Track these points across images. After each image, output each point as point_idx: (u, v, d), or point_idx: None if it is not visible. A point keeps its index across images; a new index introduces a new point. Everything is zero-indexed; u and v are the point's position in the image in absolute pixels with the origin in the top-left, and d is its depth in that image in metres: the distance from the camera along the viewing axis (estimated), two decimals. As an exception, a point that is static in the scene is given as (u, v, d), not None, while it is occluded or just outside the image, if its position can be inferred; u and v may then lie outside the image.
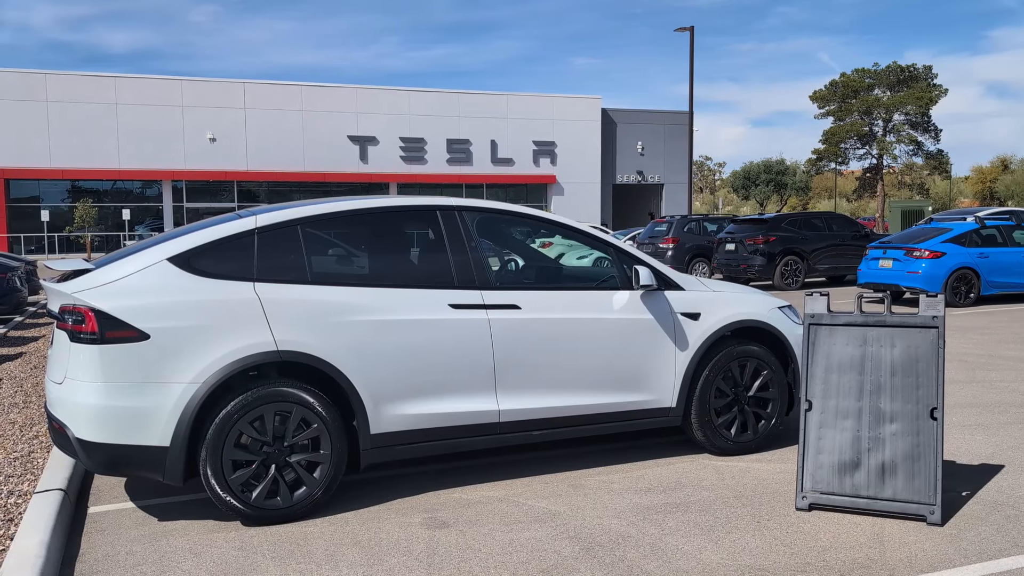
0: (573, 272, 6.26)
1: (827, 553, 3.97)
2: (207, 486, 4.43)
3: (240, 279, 4.58)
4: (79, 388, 4.36)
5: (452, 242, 5.09)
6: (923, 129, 68.38)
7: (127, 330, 4.31)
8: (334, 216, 5.02)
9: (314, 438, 4.57)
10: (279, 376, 4.62)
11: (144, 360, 4.32)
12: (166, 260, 4.54)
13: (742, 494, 4.86)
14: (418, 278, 5.00)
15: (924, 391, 4.55)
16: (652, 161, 51.06)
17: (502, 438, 5.08)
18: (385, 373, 4.73)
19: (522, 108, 47.79)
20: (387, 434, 4.78)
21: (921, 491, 4.41)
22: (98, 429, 4.31)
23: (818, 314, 4.84)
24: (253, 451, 4.47)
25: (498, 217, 5.70)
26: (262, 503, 4.48)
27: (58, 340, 4.62)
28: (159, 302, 4.39)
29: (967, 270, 14.88)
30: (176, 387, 4.34)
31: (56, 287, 4.55)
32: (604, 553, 4.02)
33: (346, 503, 4.80)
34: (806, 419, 4.74)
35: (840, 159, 71.46)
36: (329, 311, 4.64)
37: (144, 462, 4.37)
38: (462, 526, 4.42)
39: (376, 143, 44.90)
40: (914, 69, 67.76)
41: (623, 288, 5.45)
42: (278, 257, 4.71)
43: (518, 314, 5.08)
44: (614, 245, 5.61)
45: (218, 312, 4.45)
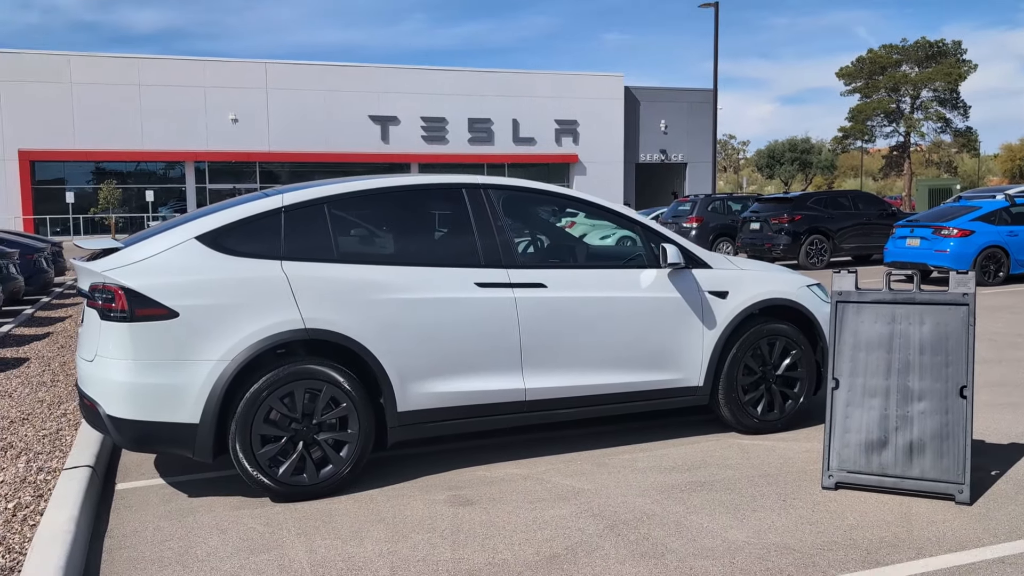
0: (599, 250, 6.26)
1: (854, 532, 3.94)
2: (236, 462, 4.46)
3: (268, 257, 4.60)
4: (110, 365, 4.40)
5: (478, 220, 5.08)
6: (951, 106, 67.24)
7: (157, 308, 4.34)
8: (360, 195, 5.00)
9: (342, 416, 4.59)
10: (306, 354, 4.62)
11: (174, 338, 4.36)
12: (194, 239, 4.56)
13: (767, 473, 4.83)
14: (444, 256, 4.98)
15: (953, 369, 4.49)
16: (676, 140, 50.64)
17: (528, 416, 5.08)
18: (411, 351, 4.74)
19: (544, 87, 47.51)
20: (414, 412, 4.79)
21: (950, 470, 4.36)
22: (129, 406, 4.36)
23: (846, 291, 4.78)
24: (282, 428, 4.49)
25: (524, 195, 5.65)
26: (290, 479, 4.51)
27: (88, 318, 4.66)
28: (188, 280, 4.42)
29: (996, 249, 14.66)
30: (205, 364, 4.38)
31: (86, 266, 4.58)
32: (628, 531, 4.01)
33: (371, 480, 4.82)
34: (833, 397, 4.69)
35: (866, 137, 70.50)
36: (356, 289, 4.65)
37: (174, 439, 4.42)
38: (486, 503, 4.42)
39: (397, 123, 44.84)
40: (943, 45, 66.56)
41: (650, 266, 5.41)
42: (305, 236, 4.72)
43: (544, 292, 5.05)
44: (641, 223, 5.55)
45: (246, 290, 4.47)
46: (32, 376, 7.68)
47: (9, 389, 7.14)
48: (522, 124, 47.15)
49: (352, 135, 43.87)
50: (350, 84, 44.03)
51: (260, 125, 42.57)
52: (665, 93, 51.07)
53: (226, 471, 5.04)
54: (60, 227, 40.11)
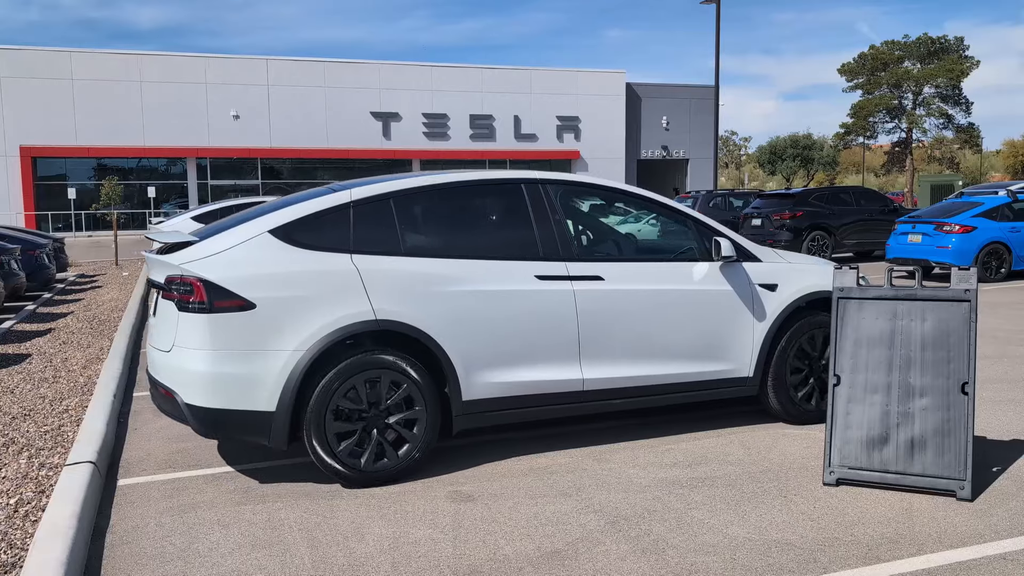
0: (652, 244, 6.37)
1: (855, 528, 3.94)
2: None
3: (338, 251, 4.73)
4: (189, 355, 4.54)
5: (537, 215, 5.20)
6: (954, 102, 67.09)
7: (235, 300, 4.48)
8: (423, 190, 5.11)
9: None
10: (372, 345, 4.72)
11: (251, 328, 4.49)
12: (267, 232, 4.69)
13: (769, 469, 4.83)
14: (504, 250, 5.09)
15: (955, 365, 4.48)
16: (677, 136, 50.59)
17: (585, 406, 5.20)
18: (475, 342, 4.86)
19: (546, 83, 47.47)
20: (477, 401, 4.91)
21: (951, 466, 4.36)
22: (207, 395, 4.49)
23: (847, 288, 4.78)
24: (353, 416, 4.63)
25: (579, 190, 5.78)
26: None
27: (163, 309, 4.81)
28: (263, 273, 4.55)
29: (998, 245, 14.64)
30: (282, 354, 4.50)
31: (162, 258, 4.71)
32: (629, 527, 4.01)
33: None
34: (834, 394, 4.69)
35: (868, 133, 70.38)
36: (423, 281, 4.78)
37: (250, 426, 4.55)
38: (487, 499, 4.42)
39: (399, 119, 44.81)
40: (945, 41, 66.41)
41: (702, 259, 5.52)
42: (372, 229, 4.85)
43: (601, 285, 5.17)
44: (693, 217, 5.67)
45: (320, 283, 4.60)
46: (34, 372, 7.69)
47: (11, 385, 7.15)
48: (524, 120, 47.11)
49: (354, 131, 43.84)
50: (352, 80, 44.00)
51: (262, 121, 42.55)
52: (667, 89, 51.00)
53: (226, 467, 5.05)
54: (62, 223, 40.12)
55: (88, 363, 8.07)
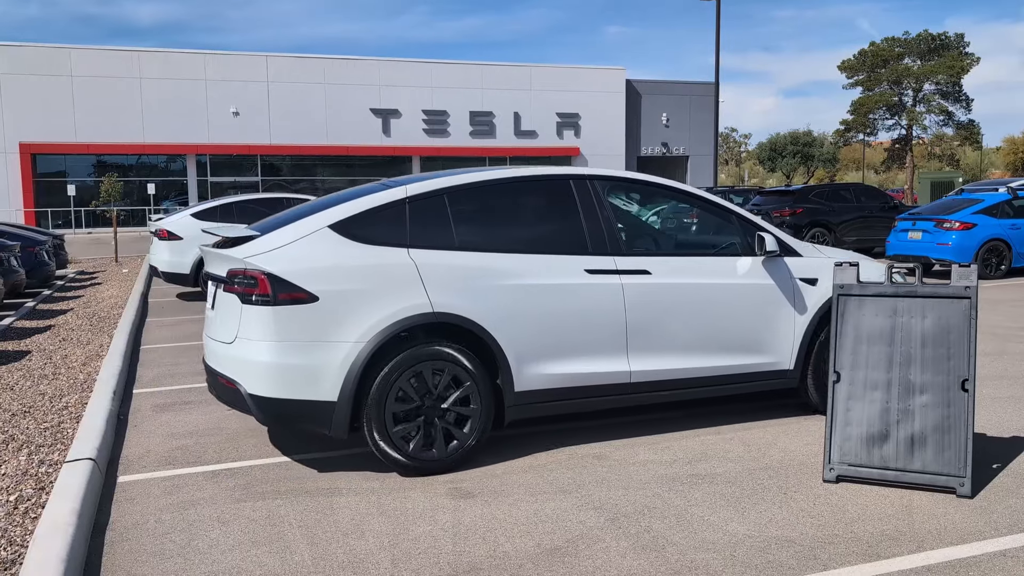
0: (696, 238, 6.48)
1: (855, 525, 3.94)
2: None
3: (395, 245, 4.84)
4: (252, 347, 4.64)
5: (585, 210, 5.31)
6: (954, 99, 67.01)
7: (298, 292, 4.59)
8: (476, 186, 5.22)
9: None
10: (426, 336, 4.80)
11: (314, 320, 4.59)
12: (327, 227, 4.80)
13: (768, 466, 4.83)
14: (555, 244, 5.19)
15: (955, 362, 4.48)
16: (677, 133, 50.57)
17: (631, 398, 5.31)
18: (527, 334, 4.97)
19: (545, 80, 47.42)
20: (529, 392, 5.01)
21: (951, 463, 4.36)
22: (271, 385, 4.60)
23: (847, 285, 4.77)
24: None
25: (626, 185, 5.96)
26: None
27: (223, 302, 4.92)
28: (325, 266, 4.65)
29: (998, 242, 14.64)
30: (344, 346, 4.60)
31: (224, 252, 4.83)
32: (629, 524, 4.01)
33: (372, 474, 4.82)
34: (834, 391, 4.69)
35: (868, 130, 70.29)
36: (477, 275, 4.89)
37: (312, 416, 4.66)
38: (487, 496, 4.42)
39: (399, 116, 44.78)
40: (945, 38, 66.32)
41: (745, 254, 5.63)
42: (427, 224, 4.96)
43: (648, 279, 5.29)
44: (736, 212, 5.77)
45: (379, 276, 4.71)
46: (34, 369, 7.69)
47: (11, 382, 7.14)
48: (523, 117, 47.07)
49: (353, 128, 43.81)
50: (351, 77, 43.95)
51: (261, 118, 42.52)
52: (667, 86, 50.97)
53: (226, 464, 5.05)
54: (61, 220, 40.11)
55: (88, 360, 8.07)
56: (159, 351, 9.09)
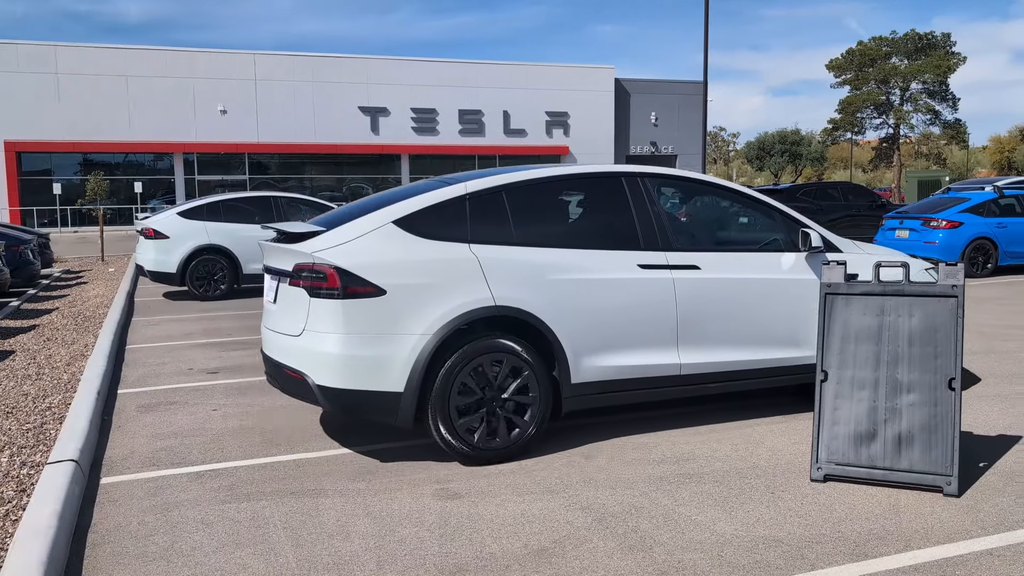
0: (742, 234, 6.61)
1: (842, 524, 3.93)
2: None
3: (457, 240, 4.96)
4: (321, 339, 4.75)
5: (637, 206, 5.45)
6: (940, 98, 67.35)
7: (367, 286, 4.69)
8: (533, 183, 5.35)
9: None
10: (487, 329, 4.91)
11: (382, 313, 4.70)
12: (391, 223, 4.91)
13: (756, 465, 4.82)
14: (608, 240, 5.33)
15: (942, 361, 4.48)
16: (666, 132, 50.65)
17: (681, 390, 5.46)
18: (584, 327, 5.10)
19: (535, 78, 47.40)
20: (585, 383, 5.14)
21: (938, 462, 4.36)
22: (340, 376, 4.72)
23: (835, 283, 4.76)
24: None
25: (676, 183, 6.15)
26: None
27: (287, 295, 5.04)
28: (392, 260, 4.77)
29: (985, 240, 14.71)
30: (410, 338, 4.72)
31: (290, 247, 4.94)
32: (616, 523, 3.99)
33: (357, 476, 4.79)
34: (822, 390, 4.68)
35: (856, 129, 70.57)
36: (536, 270, 5.01)
37: (379, 406, 4.78)
38: (474, 497, 4.39)
39: (387, 114, 44.69)
40: (932, 37, 66.64)
41: (789, 250, 5.77)
42: (487, 220, 5.08)
43: (698, 274, 5.43)
44: (780, 209, 5.93)
45: (443, 270, 4.83)
46: (17, 369, 7.62)
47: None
48: (513, 116, 47.05)
49: (342, 126, 43.68)
50: (340, 75, 43.82)
51: (249, 116, 42.34)
52: (655, 85, 51.03)
53: (210, 464, 5.00)
54: (47, 219, 39.83)
55: (72, 360, 7.99)
56: (145, 351, 9.02)
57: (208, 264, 13.58)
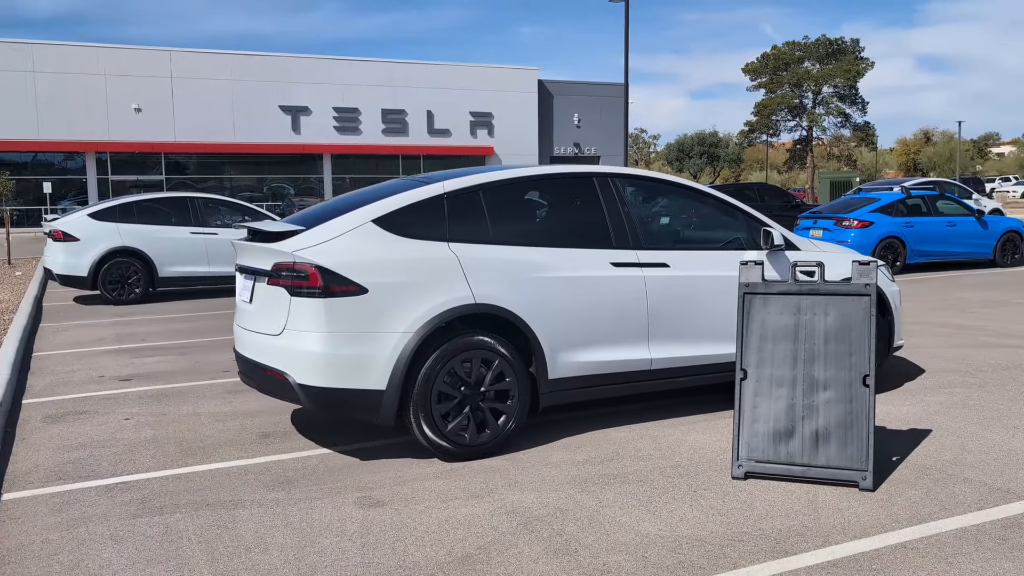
0: (707, 233, 6.76)
1: (763, 522, 3.98)
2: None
3: (436, 239, 5.01)
4: (303, 338, 4.76)
5: (609, 206, 5.59)
6: (851, 101, 69.80)
7: (349, 285, 4.71)
8: (508, 182, 5.44)
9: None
10: (465, 327, 4.97)
11: (364, 312, 4.73)
12: (371, 222, 4.94)
13: (679, 464, 4.86)
14: (582, 238, 5.45)
15: (857, 358, 4.59)
16: (589, 133, 51.14)
17: (652, 384, 5.63)
18: (560, 324, 5.21)
19: (459, 79, 47.30)
20: (561, 379, 5.26)
21: (854, 458, 4.46)
22: (322, 375, 4.72)
23: (753, 283, 4.84)
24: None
25: (643, 183, 6.20)
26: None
27: (265, 295, 5.02)
28: (372, 259, 4.80)
29: (894, 239, 15.24)
30: (393, 336, 4.76)
31: (270, 246, 4.93)
32: (542, 527, 3.96)
33: (276, 486, 4.65)
34: (741, 388, 4.74)
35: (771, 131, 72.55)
36: (514, 268, 5.11)
37: (361, 404, 4.81)
38: (397, 504, 4.31)
39: (309, 113, 44.00)
40: (842, 42, 68.98)
41: (750, 248, 5.97)
42: (465, 219, 5.15)
43: (667, 271, 5.60)
44: (742, 209, 6.14)
45: (424, 269, 4.88)
46: (-89, 380, 7.19)
47: None
48: (437, 116, 46.85)
49: (262, 125, 42.82)
50: (260, 74, 42.96)
51: (165, 115, 41.13)
52: (578, 87, 51.48)
53: (122, 477, 4.80)
54: (-52, 221, 37.90)
55: (-28, 369, 7.59)
56: (53, 358, 8.64)
57: (121, 267, 13.12)
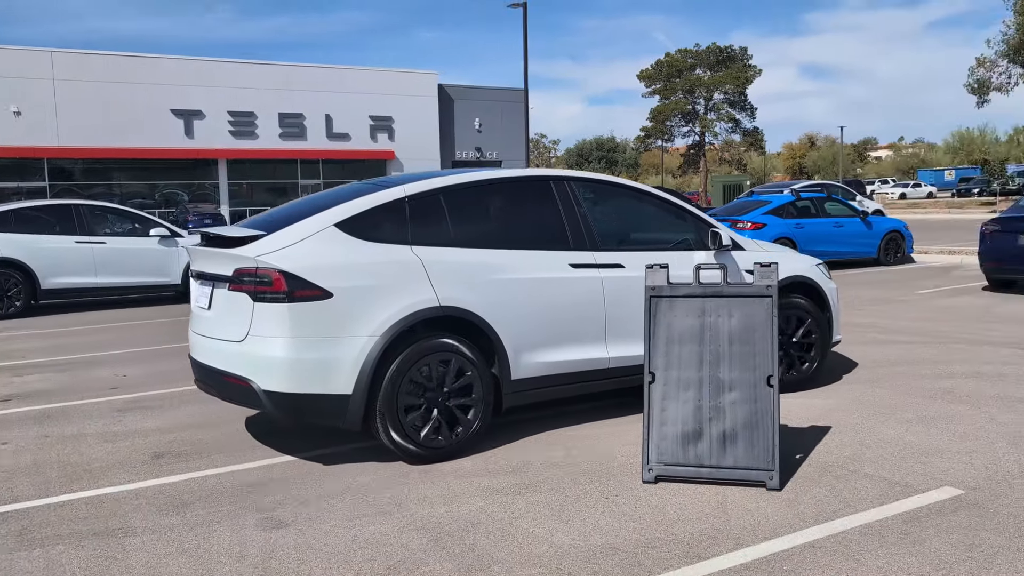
0: (658, 234, 6.81)
1: (675, 526, 3.97)
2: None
3: (398, 243, 5.03)
4: (267, 344, 4.72)
5: (566, 208, 5.70)
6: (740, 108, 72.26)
7: (314, 289, 4.69)
8: (469, 185, 5.49)
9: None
10: (429, 330, 4.98)
11: (329, 316, 4.71)
12: (333, 226, 4.92)
13: (590, 470, 4.82)
14: (541, 241, 5.56)
15: (760, 359, 4.65)
16: (490, 138, 51.21)
17: (609, 383, 5.76)
18: (522, 325, 5.29)
19: (358, 82, 46.67)
20: (524, 380, 5.34)
21: (760, 458, 4.51)
22: (287, 380, 4.69)
23: (658, 286, 4.85)
24: (420, 396, 4.93)
25: (597, 186, 6.23)
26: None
27: (225, 301, 4.97)
28: (337, 263, 4.79)
29: (785, 240, 15.74)
30: (359, 340, 4.75)
31: (230, 252, 4.88)
32: (453, 543, 3.85)
33: (169, 509, 4.39)
34: (649, 391, 4.75)
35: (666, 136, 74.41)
36: (476, 270, 5.16)
37: (327, 409, 4.78)
38: (301, 524, 4.12)
39: (202, 117, 42.59)
40: (731, 50, 71.35)
41: (698, 248, 6.14)
42: (426, 222, 5.18)
43: (622, 272, 5.70)
44: (690, 211, 6.33)
45: (389, 272, 4.89)
46: None
47: None
48: (336, 120, 46.10)
49: (153, 129, 41.20)
50: (150, 76, 41.35)
51: (48, 118, 39.08)
52: (479, 92, 51.51)
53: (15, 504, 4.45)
54: None
55: None
56: (-81, 380, 8.01)
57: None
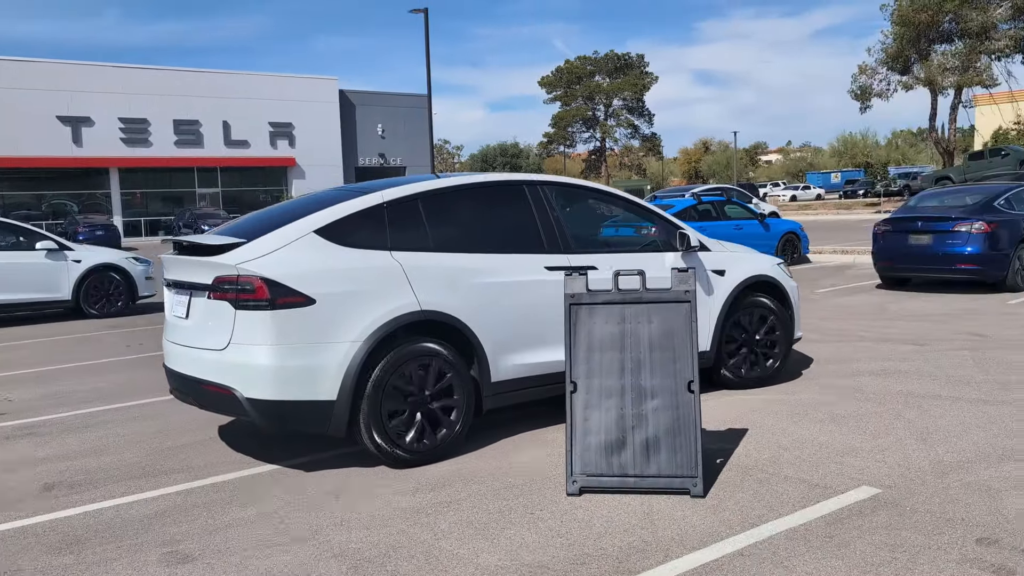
0: (628, 237, 6.91)
1: (603, 540, 3.88)
2: (365, 435, 4.85)
3: (378, 248, 5.04)
4: (250, 352, 4.69)
5: (539, 212, 5.74)
6: (638, 114, 73.83)
7: (296, 296, 4.68)
8: (445, 191, 5.50)
9: (449, 386, 5.10)
10: (409, 334, 4.99)
11: (312, 323, 4.70)
12: (313, 232, 4.91)
13: (514, 484, 4.69)
14: (517, 244, 5.59)
15: (681, 365, 4.62)
16: (393, 144, 50.80)
17: None
18: (501, 328, 5.34)
19: (256, 88, 45.59)
20: (503, 382, 5.39)
21: (684, 465, 4.47)
22: (271, 388, 4.67)
23: (577, 294, 4.77)
24: (403, 400, 4.94)
25: (569, 190, 6.32)
26: (414, 446, 4.96)
27: (204, 309, 4.95)
28: (318, 269, 4.79)
29: (689, 243, 15.98)
30: (342, 346, 4.75)
31: (209, 260, 4.84)
32: (374, 570, 3.65)
33: (62, 547, 4.05)
34: (572, 401, 4.66)
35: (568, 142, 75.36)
36: (456, 275, 5.19)
37: (311, 416, 4.78)
38: (210, 557, 3.86)
39: (91, 124, 40.87)
40: (629, 57, 72.81)
41: (667, 250, 6.22)
42: (405, 228, 5.20)
43: (596, 274, 5.59)
44: (659, 213, 6.43)
45: (370, 278, 4.91)
46: None
47: None
48: (234, 126, 44.92)
49: (38, 137, 39.31)
50: (34, 81, 39.44)
51: (-83, 125, 36.76)
52: (381, 97, 51.05)
53: None
54: None
55: None
56: None
57: None
